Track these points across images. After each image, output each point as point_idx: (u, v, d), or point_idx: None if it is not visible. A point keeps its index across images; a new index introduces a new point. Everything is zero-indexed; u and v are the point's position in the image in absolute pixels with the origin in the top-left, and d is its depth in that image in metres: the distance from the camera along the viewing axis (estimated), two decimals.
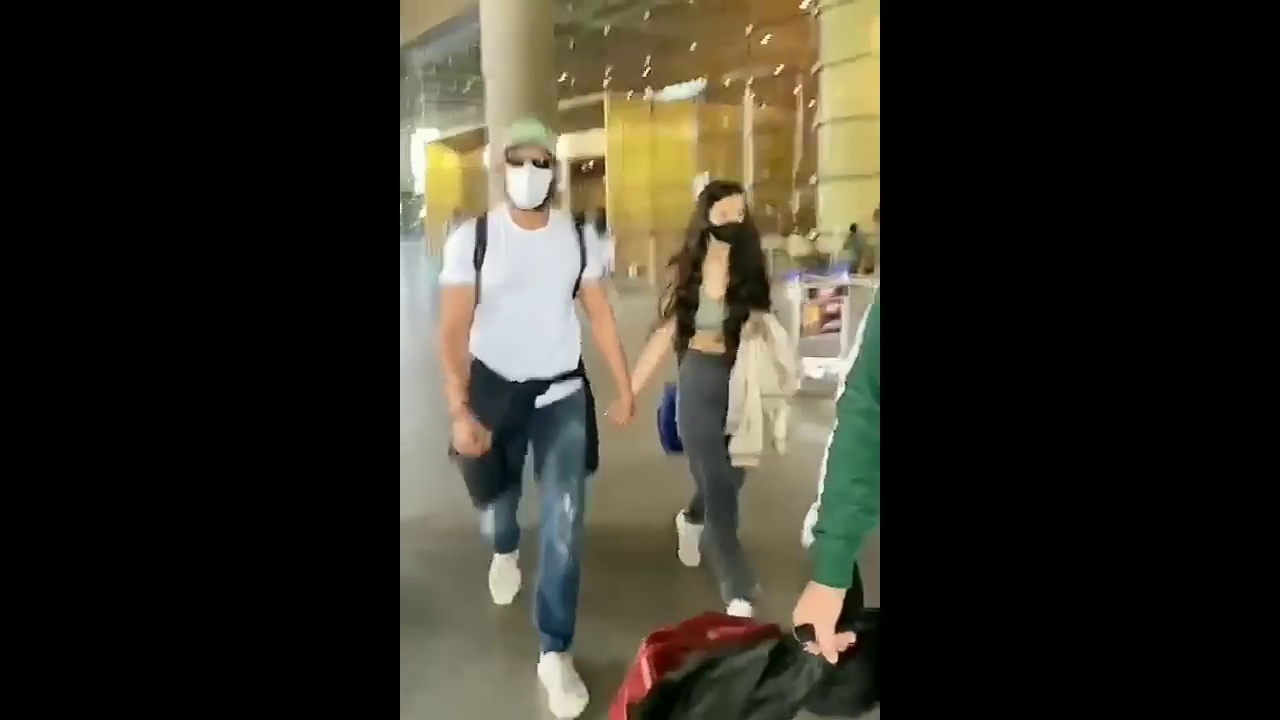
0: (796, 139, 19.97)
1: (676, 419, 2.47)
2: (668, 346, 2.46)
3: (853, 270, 7.15)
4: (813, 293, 5.54)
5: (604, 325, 2.20)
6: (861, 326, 1.12)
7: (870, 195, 10.25)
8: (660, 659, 1.38)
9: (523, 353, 2.02)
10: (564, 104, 12.81)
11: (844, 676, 1.15)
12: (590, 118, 14.90)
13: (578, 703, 1.96)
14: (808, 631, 1.12)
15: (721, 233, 2.34)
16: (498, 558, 2.58)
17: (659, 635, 1.46)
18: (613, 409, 2.28)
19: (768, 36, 18.93)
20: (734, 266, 2.36)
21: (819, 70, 15.27)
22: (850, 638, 1.11)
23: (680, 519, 2.85)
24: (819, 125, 15.60)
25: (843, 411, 1.13)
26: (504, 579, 2.57)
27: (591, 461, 2.17)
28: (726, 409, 2.35)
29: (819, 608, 1.11)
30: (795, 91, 20.56)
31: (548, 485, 2.03)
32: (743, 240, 2.36)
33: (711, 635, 1.36)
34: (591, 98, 15.68)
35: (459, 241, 1.97)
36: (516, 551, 2.58)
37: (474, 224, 1.99)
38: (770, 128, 19.80)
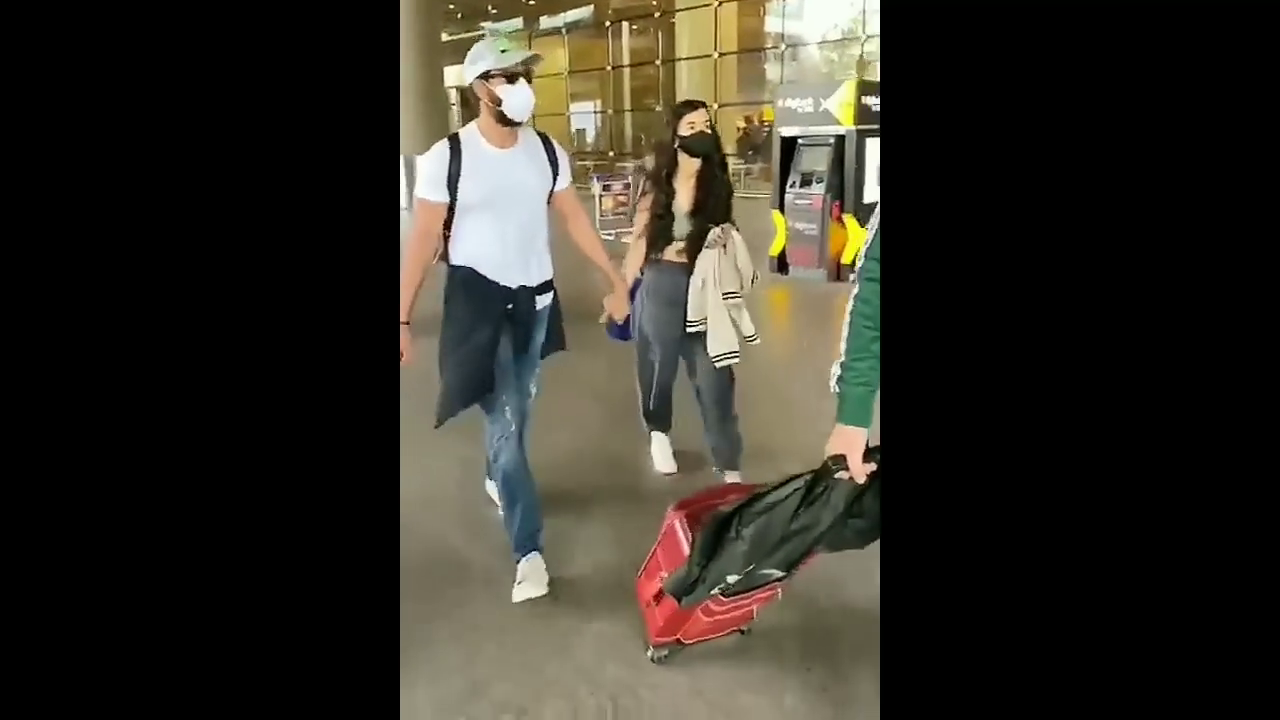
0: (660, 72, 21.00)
1: (639, 317, 2.69)
2: (643, 253, 2.61)
3: None
4: (607, 188, 9.19)
5: (581, 224, 2.30)
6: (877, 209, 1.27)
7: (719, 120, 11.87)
8: (692, 521, 1.65)
9: (511, 262, 2.10)
10: (446, 37, 13.24)
11: (859, 509, 1.40)
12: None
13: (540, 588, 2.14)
14: (840, 461, 1.34)
15: (690, 144, 2.48)
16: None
17: (685, 503, 1.75)
18: (610, 304, 2.37)
19: None
20: (701, 182, 2.52)
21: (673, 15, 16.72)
22: (872, 466, 1.32)
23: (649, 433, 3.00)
24: (672, 61, 17.02)
25: (862, 279, 1.29)
26: None
27: (560, 342, 2.35)
28: (686, 310, 2.55)
29: (849, 442, 1.33)
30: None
31: (523, 372, 2.24)
32: (710, 154, 2.52)
33: (733, 497, 1.58)
34: (474, 34, 16.38)
35: (433, 160, 2.00)
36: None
37: (446, 144, 2.02)
38: (638, 60, 20.65)
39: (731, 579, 1.52)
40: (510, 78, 1.93)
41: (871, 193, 6.08)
